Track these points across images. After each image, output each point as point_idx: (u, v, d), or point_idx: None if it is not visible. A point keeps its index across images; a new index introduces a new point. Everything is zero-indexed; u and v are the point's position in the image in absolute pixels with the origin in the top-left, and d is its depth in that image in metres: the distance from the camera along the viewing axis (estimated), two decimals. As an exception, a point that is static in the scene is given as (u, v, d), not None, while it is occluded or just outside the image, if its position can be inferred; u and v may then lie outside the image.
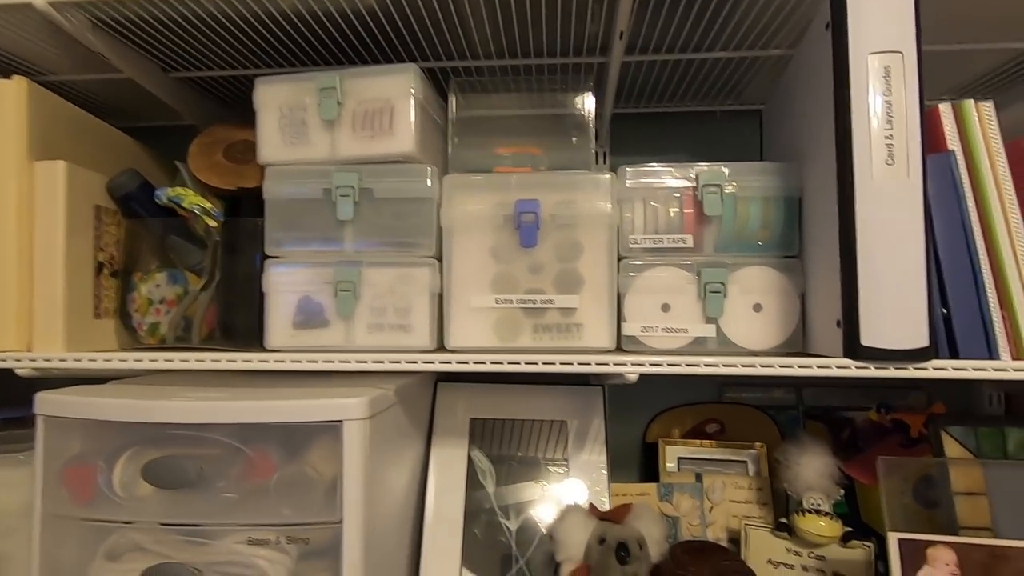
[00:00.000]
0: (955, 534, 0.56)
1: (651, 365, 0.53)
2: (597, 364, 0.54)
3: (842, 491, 0.71)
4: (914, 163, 0.49)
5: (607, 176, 0.65)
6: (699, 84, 0.82)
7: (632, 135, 0.91)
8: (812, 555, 0.70)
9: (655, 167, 0.65)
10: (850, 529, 0.69)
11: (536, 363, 0.55)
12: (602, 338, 0.64)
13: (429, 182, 0.65)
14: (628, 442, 0.90)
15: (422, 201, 0.65)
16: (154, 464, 0.56)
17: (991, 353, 0.51)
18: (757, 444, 0.84)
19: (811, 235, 0.61)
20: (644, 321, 0.63)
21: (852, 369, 0.50)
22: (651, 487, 0.79)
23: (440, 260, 0.66)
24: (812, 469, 0.71)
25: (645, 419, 0.90)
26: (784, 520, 0.72)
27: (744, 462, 0.84)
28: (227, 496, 0.56)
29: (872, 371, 0.50)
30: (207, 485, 0.56)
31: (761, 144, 0.85)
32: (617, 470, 0.88)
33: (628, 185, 0.65)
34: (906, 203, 0.49)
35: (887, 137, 0.50)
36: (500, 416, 0.78)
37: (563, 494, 0.75)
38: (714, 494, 0.81)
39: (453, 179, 0.66)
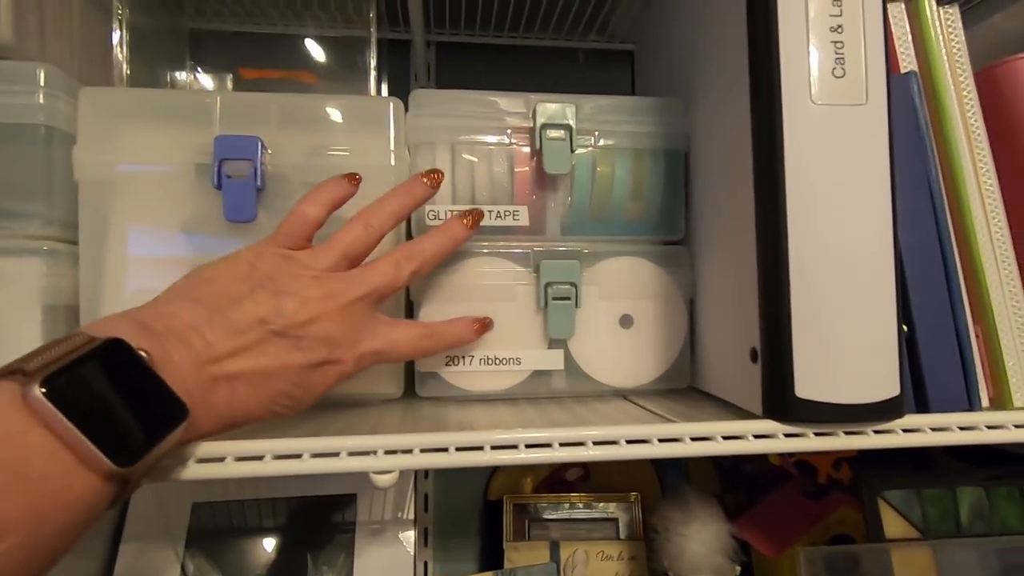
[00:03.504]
0: (902, 656, 0.38)
1: (423, 453, 0.26)
2: (348, 455, 0.26)
3: (739, 568, 0.51)
4: (875, 77, 0.29)
5: (389, 102, 0.38)
6: (549, 9, 0.58)
7: (467, 73, 0.65)
8: (701, 659, 0.50)
9: (470, 94, 0.40)
10: (749, 623, 0.49)
11: (223, 458, 0.26)
12: (381, 380, 0.38)
13: (42, 97, 0.34)
14: (462, 503, 0.65)
15: (25, 131, 0.34)
16: None
17: (970, 394, 0.33)
18: (631, 494, 0.63)
19: (703, 207, 0.39)
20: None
21: (781, 439, 0.28)
22: (485, 579, 0.55)
23: (76, 244, 0.35)
24: (701, 543, 0.50)
25: (487, 468, 0.66)
26: (664, 615, 0.51)
27: (614, 520, 0.62)
28: None
29: (811, 440, 0.28)
30: None
31: (633, 93, 0.64)
32: (446, 547, 0.63)
33: (425, 122, 0.39)
34: (865, 146, 0.28)
35: (835, 30, 0.28)
36: (239, 497, 0.49)
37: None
38: (574, 571, 0.59)
39: (97, 95, 0.36)
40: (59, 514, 0.20)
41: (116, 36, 0.48)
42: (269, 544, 0.49)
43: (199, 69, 0.54)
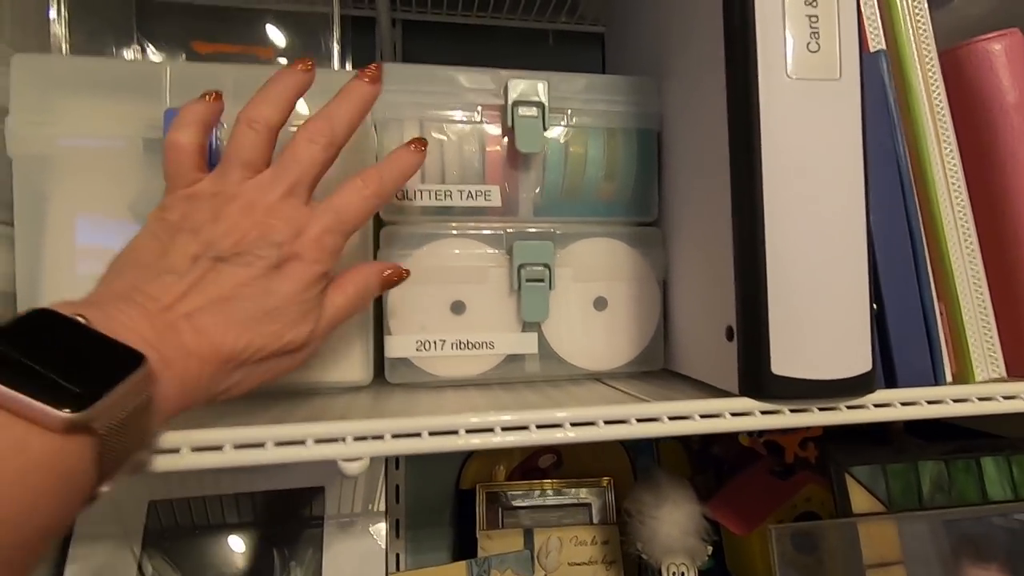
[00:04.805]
0: (868, 626, 0.39)
1: (395, 439, 0.25)
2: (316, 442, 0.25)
3: (711, 548, 0.52)
4: (849, 52, 0.29)
5: (347, 74, 0.36)
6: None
7: (434, 54, 0.63)
8: (674, 639, 0.51)
9: (439, 70, 0.39)
10: (721, 602, 0.50)
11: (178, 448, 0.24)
12: (348, 366, 0.36)
13: (-34, 62, 0.31)
14: (435, 493, 0.64)
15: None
16: None
17: (935, 369, 0.33)
18: (603, 479, 0.63)
19: (676, 188, 0.39)
20: (422, 332, 0.37)
21: (757, 417, 0.28)
22: (459, 568, 0.54)
23: (10, 225, 0.33)
24: (673, 524, 0.51)
25: (459, 457, 0.65)
26: (638, 597, 0.51)
27: (587, 505, 0.62)
28: None
29: (787, 417, 0.28)
30: None
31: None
32: (419, 537, 0.62)
33: (391, 98, 0.37)
34: (840, 121, 0.28)
35: (809, 4, 0.28)
36: (200, 493, 0.47)
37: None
38: (548, 557, 0.59)
39: (32, 62, 0.33)
40: (21, 482, 0.18)
41: (53, 8, 0.45)
42: (233, 541, 0.47)
43: (148, 44, 0.51)
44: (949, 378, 0.34)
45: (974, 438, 0.48)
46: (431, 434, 0.25)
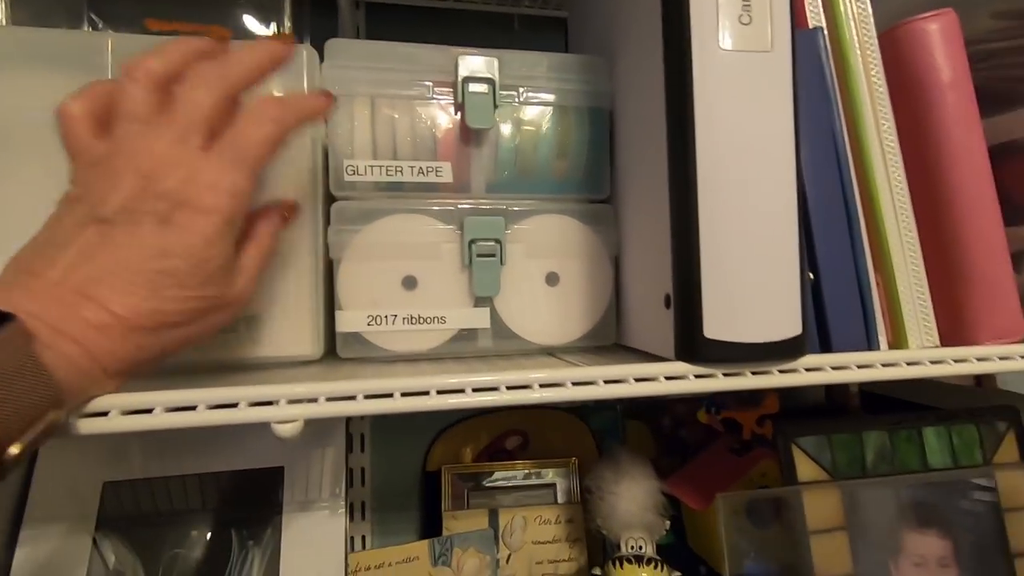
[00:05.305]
0: (811, 590, 0.40)
1: (329, 402, 0.25)
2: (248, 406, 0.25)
3: (668, 523, 0.53)
4: (780, 25, 0.29)
5: (302, 50, 0.36)
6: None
7: (397, 37, 0.63)
8: (633, 613, 0.52)
9: (390, 46, 0.39)
10: (678, 574, 0.51)
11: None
12: (298, 341, 0.36)
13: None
14: (401, 475, 0.64)
15: None
16: None
17: (869, 337, 0.34)
18: (569, 460, 0.64)
19: (627, 166, 0.40)
20: (373, 307, 0.37)
21: (691, 380, 0.29)
22: (421, 547, 0.54)
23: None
24: (632, 500, 0.51)
25: (426, 439, 0.65)
26: (598, 572, 0.52)
27: (552, 486, 0.63)
28: None
29: (720, 380, 0.29)
30: None
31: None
32: (385, 520, 0.62)
33: (342, 73, 0.37)
34: (771, 93, 0.29)
35: (741, -23, 0.29)
36: (157, 474, 0.46)
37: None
38: (512, 536, 0.59)
39: (-33, 31, 0.32)
40: None
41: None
42: (190, 522, 0.47)
43: (100, 22, 0.50)
44: (885, 347, 0.35)
45: (919, 411, 0.50)
46: (366, 397, 0.25)
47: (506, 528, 0.59)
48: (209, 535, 0.47)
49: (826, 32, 0.36)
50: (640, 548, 0.51)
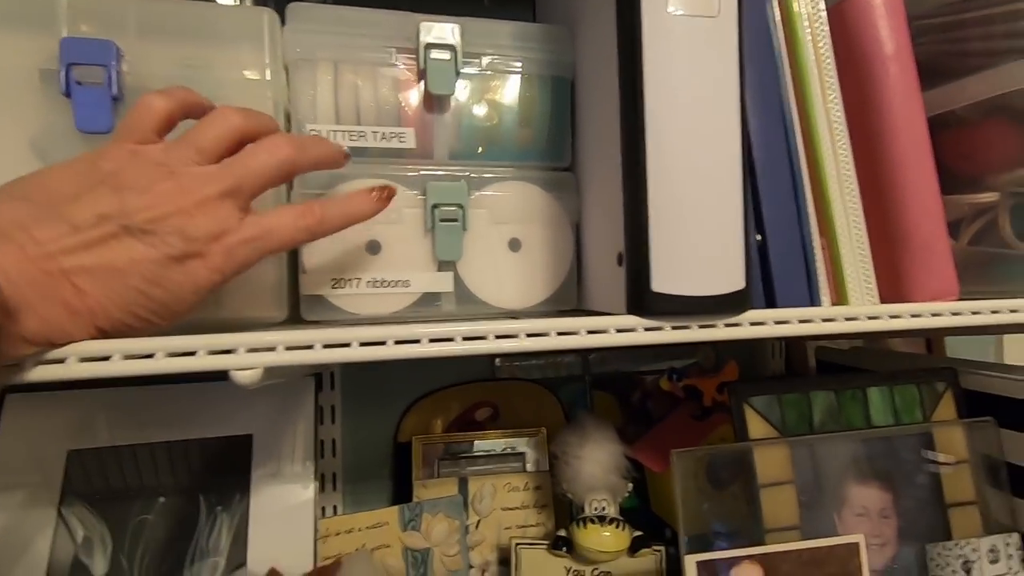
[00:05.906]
0: (762, 540, 0.42)
1: (288, 351, 0.26)
2: (206, 355, 0.26)
3: (631, 485, 0.55)
4: (727, -8, 0.30)
5: (263, 12, 0.36)
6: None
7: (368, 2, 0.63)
8: (597, 571, 0.54)
9: (352, 11, 0.39)
10: (640, 534, 0.53)
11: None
12: (261, 302, 0.37)
13: None
14: (373, 446, 0.65)
15: None
16: None
17: (812, 296, 0.36)
18: (538, 429, 0.65)
19: (587, 134, 0.41)
20: (337, 271, 0.38)
21: (640, 332, 0.30)
22: (391, 513, 0.56)
23: None
24: (595, 463, 0.53)
25: (397, 411, 0.66)
26: (563, 533, 0.54)
27: (521, 455, 0.65)
28: None
29: (668, 333, 0.31)
30: None
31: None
32: (357, 491, 0.63)
33: (303, 38, 0.37)
34: (717, 57, 0.30)
35: (689, -56, 0.30)
36: (121, 442, 0.47)
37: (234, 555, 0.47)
38: (481, 503, 0.61)
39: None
40: None
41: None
42: (158, 490, 0.47)
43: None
44: (828, 306, 0.37)
45: (865, 374, 0.53)
46: (324, 347, 0.26)
47: (476, 495, 0.61)
48: (177, 502, 0.47)
49: (776, 3, 0.37)
50: (603, 509, 0.53)
